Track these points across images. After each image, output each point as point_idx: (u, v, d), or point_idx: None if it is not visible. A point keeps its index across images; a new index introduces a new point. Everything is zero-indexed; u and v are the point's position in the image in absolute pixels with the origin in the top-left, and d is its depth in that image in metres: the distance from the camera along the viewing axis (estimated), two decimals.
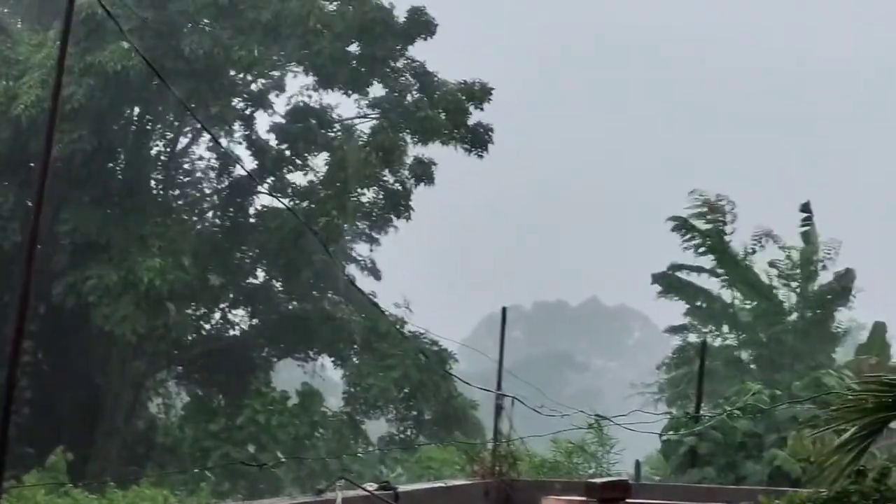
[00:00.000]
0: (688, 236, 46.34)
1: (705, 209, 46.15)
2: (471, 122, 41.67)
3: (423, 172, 42.47)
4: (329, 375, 52.86)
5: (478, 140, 41.97)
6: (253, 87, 42.59)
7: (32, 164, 34.66)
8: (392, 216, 43.66)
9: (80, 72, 34.86)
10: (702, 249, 46.66)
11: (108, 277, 35.91)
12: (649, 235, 49.44)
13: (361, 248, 46.63)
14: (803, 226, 45.80)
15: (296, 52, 40.60)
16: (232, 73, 40.42)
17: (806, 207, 46.28)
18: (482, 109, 41.81)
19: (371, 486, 12.63)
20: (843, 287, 45.37)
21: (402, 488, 13.49)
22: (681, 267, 47.30)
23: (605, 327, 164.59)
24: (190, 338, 41.58)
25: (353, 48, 41.20)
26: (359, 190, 41.70)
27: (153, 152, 42.09)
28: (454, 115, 41.39)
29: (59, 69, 19.11)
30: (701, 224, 46.54)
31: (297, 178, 42.65)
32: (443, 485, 16.40)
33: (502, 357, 20.94)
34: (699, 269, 46.80)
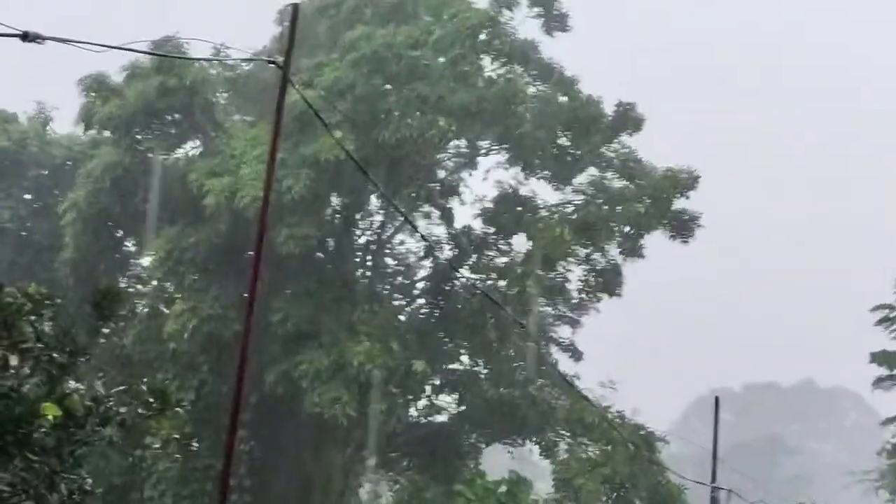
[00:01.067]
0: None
1: None
2: (677, 207, 41.36)
3: (632, 248, 42.05)
4: (537, 460, 52.28)
5: (683, 227, 41.64)
6: (454, 174, 43.02)
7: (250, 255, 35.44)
8: (599, 295, 43.12)
9: (295, 164, 35.68)
10: None
11: (319, 362, 36.34)
12: (864, 314, 47.61)
13: (564, 331, 46.04)
14: None
15: (499, 140, 41.06)
16: (436, 157, 40.95)
17: None
18: (688, 197, 41.50)
19: None
20: None
21: None
22: (893, 354, 45.50)
23: (819, 409, 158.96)
24: (398, 423, 41.72)
25: (560, 138, 41.45)
26: (563, 269, 41.48)
27: (361, 240, 42.78)
28: (659, 202, 41.08)
29: (271, 165, 19.63)
30: None
31: (498, 259, 42.61)
32: None
33: (716, 448, 20.26)
34: None
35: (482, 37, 40.28)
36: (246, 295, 19.98)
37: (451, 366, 43.17)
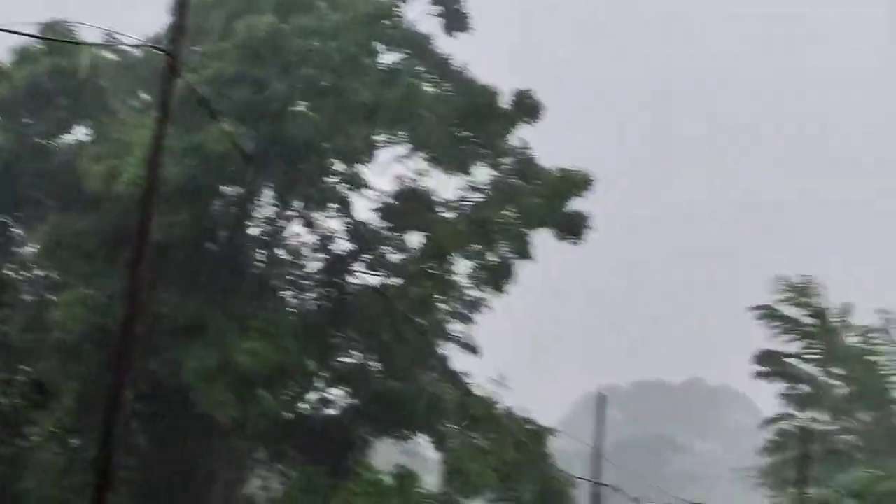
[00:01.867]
0: (778, 323, 45.51)
1: (792, 295, 45.27)
2: (570, 208, 41.65)
3: (522, 249, 42.28)
4: (426, 454, 52.34)
5: (574, 228, 41.81)
6: (352, 167, 42.76)
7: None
8: (491, 291, 43.28)
9: (182, 152, 35.14)
10: (792, 336, 45.72)
11: (207, 360, 35.87)
12: (749, 315, 48.43)
13: (459, 328, 46.10)
14: None
15: (398, 135, 40.95)
16: (332, 156, 40.67)
17: None
18: (583, 196, 41.76)
19: None
20: None
21: None
22: (775, 354, 46.32)
23: (706, 408, 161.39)
24: (287, 417, 41.44)
25: (458, 131, 41.38)
26: (455, 264, 41.59)
27: (253, 232, 42.33)
28: (552, 202, 41.27)
29: (156, 149, 19.31)
30: (790, 310, 45.67)
31: (394, 256, 42.54)
32: None
33: (600, 446, 20.41)
34: (795, 356, 45.90)
35: (379, 27, 40.11)
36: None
37: (343, 359, 42.90)
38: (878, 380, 44.45)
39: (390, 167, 42.54)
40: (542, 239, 42.31)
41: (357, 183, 42.27)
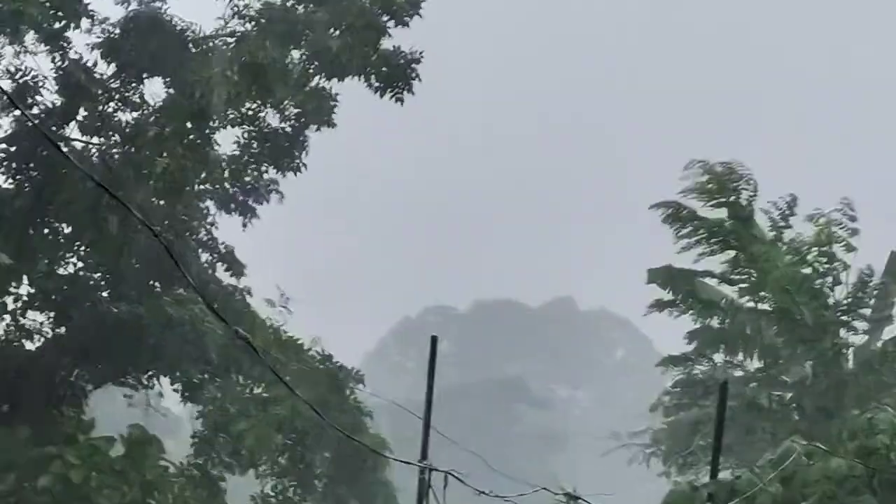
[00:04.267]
0: (687, 227, 45.75)
1: (712, 185, 45.35)
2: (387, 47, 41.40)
3: (318, 108, 41.90)
4: (169, 406, 52.16)
5: (396, 74, 41.35)
6: None
7: None
8: (269, 169, 43.28)
9: None
10: (708, 245, 46.10)
11: None
12: (637, 226, 48.79)
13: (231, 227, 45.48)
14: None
15: None
16: None
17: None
18: (407, 25, 41.35)
19: None
20: None
21: None
22: (677, 271, 46.80)
23: (576, 340, 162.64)
24: None
25: None
26: (220, 128, 41.59)
27: None
28: (363, 35, 40.73)
29: None
30: (706, 209, 45.94)
31: (126, 115, 41.69)
32: None
33: (429, 414, 20.32)
34: (708, 274, 46.34)
35: None
36: None
37: (51, 268, 42.36)
38: (823, 312, 45.27)
39: None
40: (346, 92, 42.33)
41: (72, 9, 41.06)
